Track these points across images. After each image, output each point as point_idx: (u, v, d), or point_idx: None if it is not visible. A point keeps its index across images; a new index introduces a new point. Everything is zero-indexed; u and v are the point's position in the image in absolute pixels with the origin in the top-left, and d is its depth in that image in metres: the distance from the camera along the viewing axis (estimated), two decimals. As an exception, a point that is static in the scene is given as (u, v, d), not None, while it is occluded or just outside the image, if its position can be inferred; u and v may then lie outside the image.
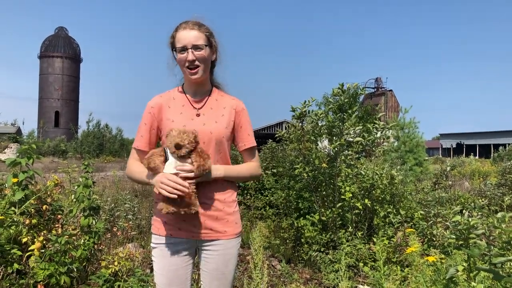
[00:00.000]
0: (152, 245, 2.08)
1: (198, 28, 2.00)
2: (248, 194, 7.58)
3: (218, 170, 2.00)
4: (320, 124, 5.20)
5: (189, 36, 1.97)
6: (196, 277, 3.29)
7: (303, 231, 5.06)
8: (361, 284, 4.13)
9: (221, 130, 2.05)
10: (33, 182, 3.37)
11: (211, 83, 2.17)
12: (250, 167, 2.18)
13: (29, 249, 2.90)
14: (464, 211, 3.72)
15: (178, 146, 1.86)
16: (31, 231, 3.04)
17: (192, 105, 2.07)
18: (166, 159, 1.91)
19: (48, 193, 3.29)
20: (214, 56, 2.12)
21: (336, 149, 4.97)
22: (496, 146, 45.72)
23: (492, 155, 36.00)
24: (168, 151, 1.91)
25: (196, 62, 1.98)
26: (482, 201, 5.55)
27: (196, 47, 1.97)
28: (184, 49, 1.97)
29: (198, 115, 2.05)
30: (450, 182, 8.42)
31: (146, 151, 2.05)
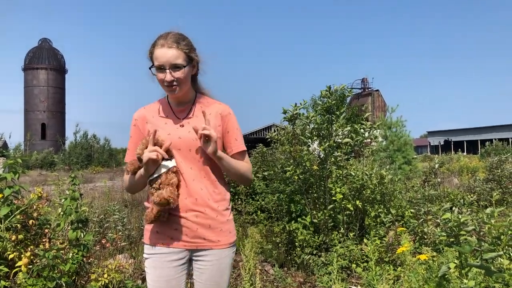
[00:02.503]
0: (144, 255, 2.04)
1: (177, 46, 1.92)
2: (239, 199, 7.56)
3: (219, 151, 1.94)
4: (309, 127, 5.22)
5: (167, 55, 1.89)
6: (190, 287, 3.26)
7: (295, 235, 5.04)
8: (354, 285, 4.12)
9: None
10: (19, 197, 3.31)
11: (195, 90, 2.12)
12: (245, 164, 2.11)
13: (16, 265, 2.84)
14: (453, 208, 3.74)
15: (140, 160, 1.87)
16: (18, 247, 2.98)
17: (176, 115, 2.04)
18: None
19: (34, 207, 3.24)
20: (195, 70, 2.06)
21: (326, 150, 4.98)
22: (483, 142, 46.25)
23: (479, 150, 36.45)
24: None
25: (174, 83, 1.93)
26: (471, 197, 5.59)
27: (174, 67, 1.91)
28: (161, 68, 1.91)
29: (182, 125, 2.01)
30: (439, 179, 8.47)
31: None
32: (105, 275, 3.34)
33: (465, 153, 47.03)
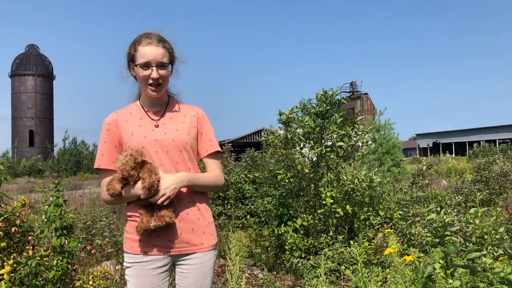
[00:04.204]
0: (125, 264, 2.01)
1: (163, 45, 1.96)
2: (229, 204, 7.53)
3: (181, 179, 1.89)
4: (302, 130, 5.21)
5: (155, 53, 1.92)
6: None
7: (284, 238, 5.03)
8: (343, 288, 4.12)
9: (184, 136, 2.01)
10: (1, 204, 3.25)
11: (167, 93, 2.14)
12: (215, 175, 2.09)
13: (-2, 273, 2.79)
14: (439, 209, 3.77)
15: (125, 179, 1.86)
16: (0, 255, 2.93)
17: (150, 117, 2.04)
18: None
19: (17, 214, 3.18)
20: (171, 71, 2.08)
21: (317, 154, 4.98)
22: (471, 144, 46.74)
23: (467, 152, 36.83)
24: None
25: (160, 81, 1.95)
26: (458, 198, 5.63)
27: (161, 65, 1.94)
28: (147, 65, 1.92)
29: (157, 126, 2.01)
30: (427, 181, 8.53)
31: (109, 170, 1.99)
32: (91, 282, 3.30)
33: (453, 155, 47.47)
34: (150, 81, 1.94)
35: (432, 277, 2.49)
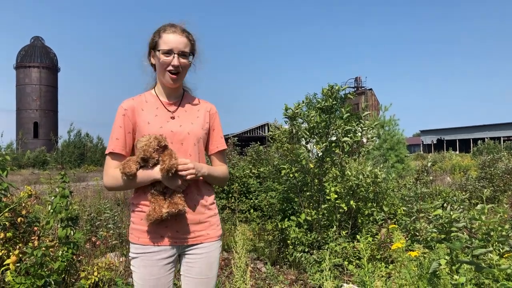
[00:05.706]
0: (131, 255, 2.00)
1: (187, 35, 2.01)
2: (233, 198, 7.54)
3: (203, 168, 1.97)
4: (308, 125, 5.20)
5: (178, 41, 1.96)
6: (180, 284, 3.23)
7: (287, 233, 5.04)
8: (346, 283, 4.12)
9: (198, 131, 2.05)
10: (7, 195, 3.27)
11: (182, 86, 2.17)
12: (223, 169, 2.17)
13: (4, 263, 2.81)
14: (445, 205, 3.75)
15: (144, 160, 1.87)
16: (6, 245, 2.95)
17: (166, 108, 2.05)
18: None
19: (23, 204, 3.20)
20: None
21: (322, 149, 4.97)
22: (476, 141, 46.55)
23: (471, 149, 36.72)
24: None
25: (179, 69, 1.98)
26: (463, 194, 5.62)
27: (182, 54, 1.97)
28: (170, 52, 1.96)
29: (173, 117, 2.03)
30: (432, 178, 8.51)
31: (123, 155, 1.98)
32: (95, 273, 3.32)
33: (457, 152, 47.32)
34: (170, 68, 1.97)
35: (437, 273, 2.48)
